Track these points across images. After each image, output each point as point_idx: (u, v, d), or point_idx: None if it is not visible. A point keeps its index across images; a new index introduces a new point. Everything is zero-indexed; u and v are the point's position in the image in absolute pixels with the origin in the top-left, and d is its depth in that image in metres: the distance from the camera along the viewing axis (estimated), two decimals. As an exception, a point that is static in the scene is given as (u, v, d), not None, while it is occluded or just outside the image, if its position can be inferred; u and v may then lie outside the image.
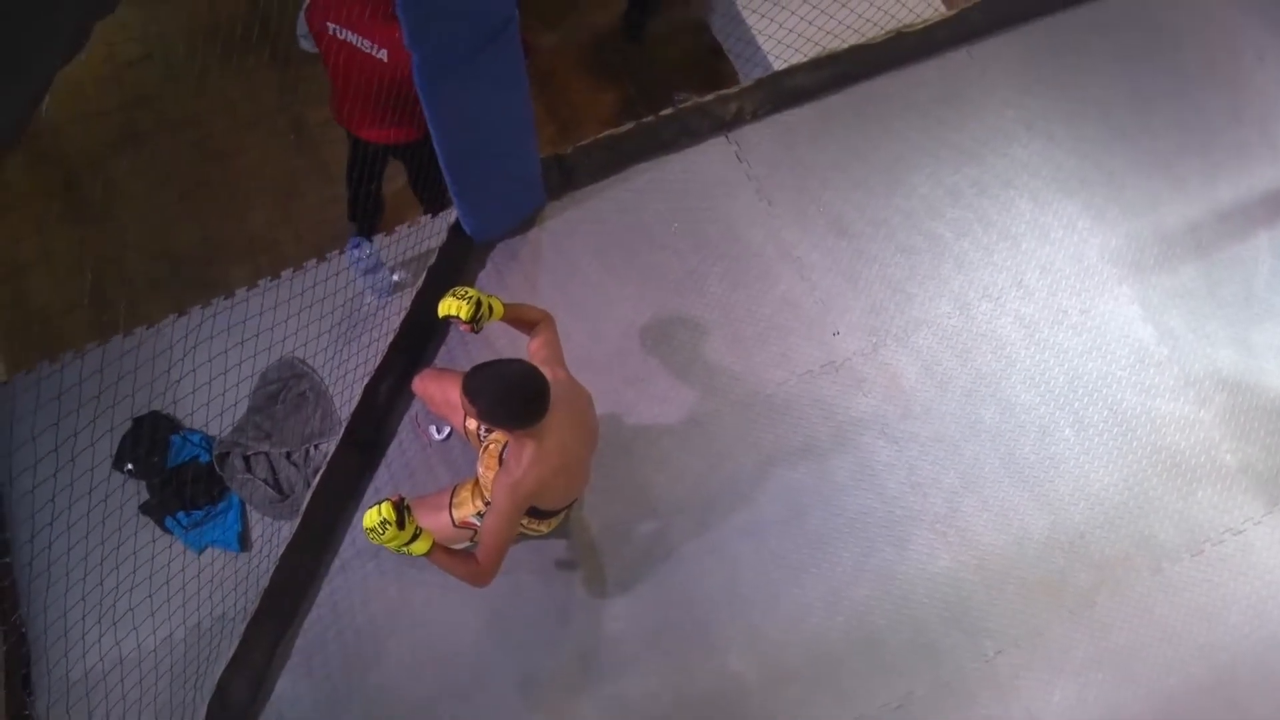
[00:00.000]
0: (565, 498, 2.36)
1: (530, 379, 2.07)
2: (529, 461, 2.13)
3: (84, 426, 2.17)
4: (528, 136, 2.86)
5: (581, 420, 2.30)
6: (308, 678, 2.70)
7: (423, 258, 3.07)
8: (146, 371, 2.63)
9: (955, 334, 3.04)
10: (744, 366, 2.98)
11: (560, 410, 2.17)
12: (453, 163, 2.71)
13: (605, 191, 3.25)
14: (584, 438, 2.32)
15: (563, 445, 2.18)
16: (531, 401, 2.06)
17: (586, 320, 3.04)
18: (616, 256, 3.15)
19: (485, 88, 2.49)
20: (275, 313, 2.79)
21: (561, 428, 2.18)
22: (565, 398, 2.22)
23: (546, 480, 2.16)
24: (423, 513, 2.55)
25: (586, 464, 2.38)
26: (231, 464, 2.84)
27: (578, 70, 4.08)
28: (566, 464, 2.22)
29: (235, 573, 2.70)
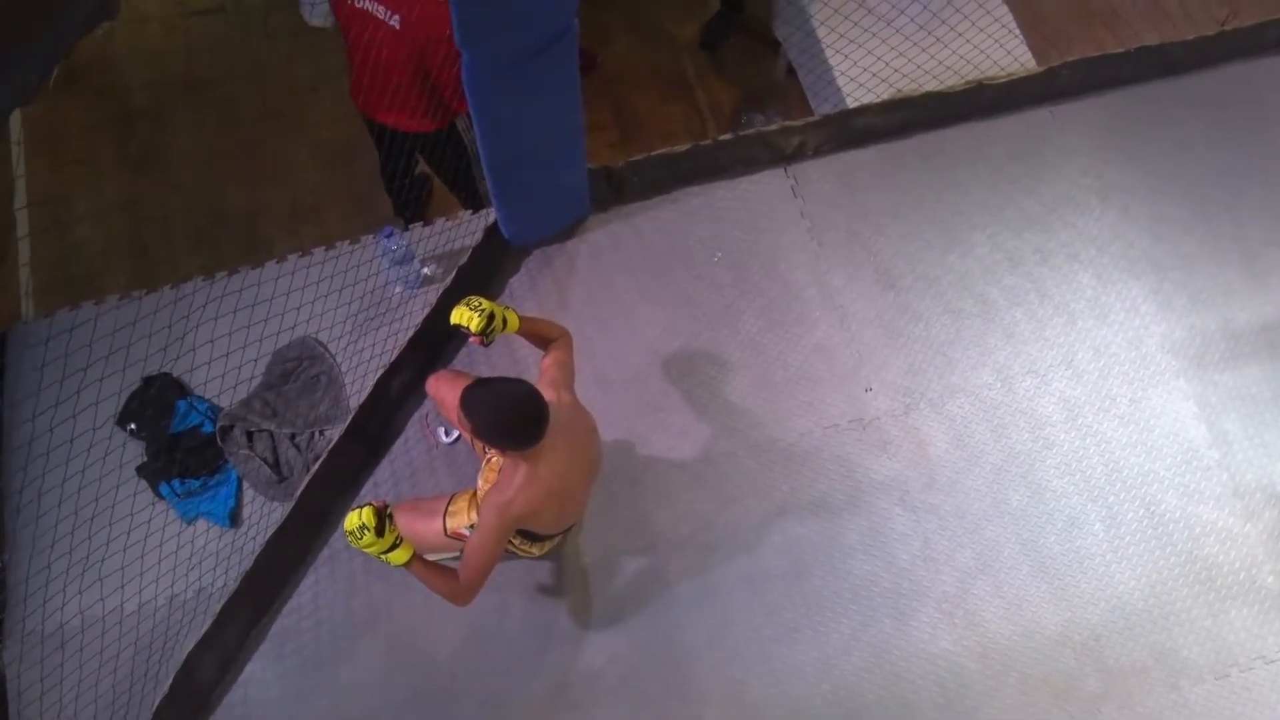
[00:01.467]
0: (558, 524, 2.45)
1: (528, 402, 2.14)
2: (520, 483, 2.21)
3: (92, 381, 2.31)
4: (576, 147, 2.96)
5: (582, 448, 2.38)
6: (278, 665, 2.82)
7: (456, 255, 3.19)
8: (164, 333, 2.77)
9: (993, 407, 3.11)
10: (767, 411, 3.07)
11: (559, 435, 2.25)
12: (496, 166, 2.81)
13: (652, 210, 3.36)
14: (583, 466, 2.40)
15: (558, 471, 2.26)
16: (527, 425, 2.14)
17: (611, 339, 3.14)
18: (653, 278, 3.26)
19: (536, 95, 2.60)
20: (302, 291, 2.91)
21: (559, 453, 2.26)
22: (566, 423, 2.30)
23: (537, 504, 2.24)
24: (415, 517, 2.63)
25: (583, 492, 2.46)
26: (234, 437, 2.97)
27: (650, 78, 4.24)
28: (561, 490, 2.29)
29: (221, 548, 2.84)
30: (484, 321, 2.35)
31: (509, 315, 2.42)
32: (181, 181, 3.94)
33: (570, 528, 2.65)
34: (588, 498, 2.55)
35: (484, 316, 2.35)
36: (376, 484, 3.06)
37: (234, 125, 4.06)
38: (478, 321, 2.34)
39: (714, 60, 4.31)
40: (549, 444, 2.23)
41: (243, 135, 4.01)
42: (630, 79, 4.22)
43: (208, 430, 2.99)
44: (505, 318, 2.41)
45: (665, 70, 4.25)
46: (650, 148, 3.47)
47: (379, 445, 3.10)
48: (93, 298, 3.10)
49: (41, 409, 2.32)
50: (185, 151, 4.02)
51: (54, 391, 2.27)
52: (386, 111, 3.04)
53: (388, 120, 3.07)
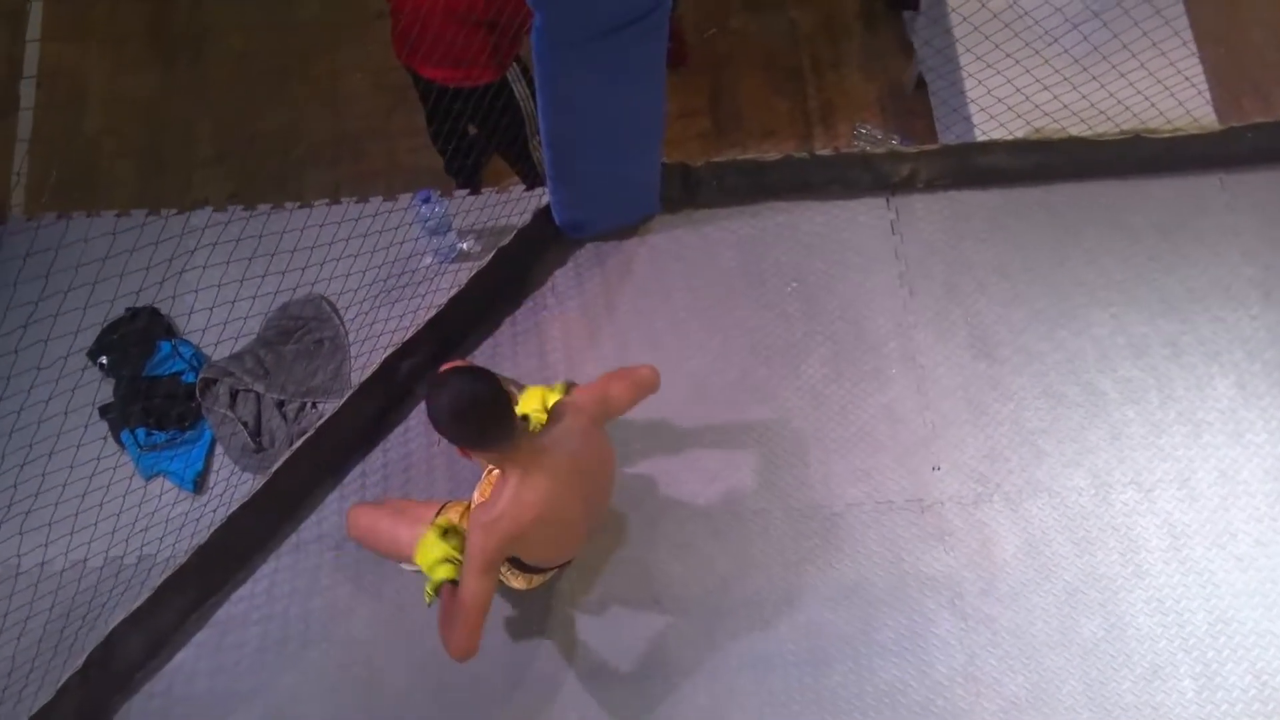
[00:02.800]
0: (548, 555, 2.40)
1: (482, 401, 2.09)
2: (507, 500, 2.18)
3: (69, 307, 2.30)
4: (652, 139, 2.91)
5: (588, 477, 2.34)
6: (214, 657, 2.80)
7: (499, 233, 3.16)
8: (162, 265, 2.72)
9: (1080, 516, 2.95)
10: (816, 471, 2.97)
11: (563, 456, 2.22)
12: (556, 146, 2.77)
13: (727, 221, 3.29)
14: (586, 497, 2.35)
15: (552, 495, 2.22)
16: (481, 422, 2.10)
17: (656, 359, 2.95)
18: (714, 298, 3.20)
19: (614, 75, 2.55)
20: (328, 247, 2.88)
21: (558, 477, 2.22)
22: (575, 448, 2.26)
23: (525, 527, 2.20)
24: (397, 519, 2.63)
25: (583, 527, 2.42)
26: (216, 394, 2.97)
27: (761, 64, 4.14)
28: (554, 517, 2.25)
29: (176, 515, 2.83)
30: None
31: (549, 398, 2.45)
32: (216, 85, 3.83)
33: (562, 567, 2.58)
34: (587, 534, 2.50)
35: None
36: (365, 474, 3.06)
37: (287, 30, 3.94)
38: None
39: (839, 52, 4.16)
40: (548, 463, 2.20)
41: (296, 44, 3.90)
42: (738, 62, 4.10)
43: (188, 380, 2.98)
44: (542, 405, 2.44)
45: (780, 58, 4.11)
46: (745, 146, 3.46)
47: (375, 430, 3.08)
48: (89, 206, 3.09)
49: (8, 328, 2.30)
50: (227, 50, 3.90)
51: (27, 305, 2.25)
52: (431, 64, 3.03)
53: (434, 76, 3.05)
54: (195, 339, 3.09)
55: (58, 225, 3.03)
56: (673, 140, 3.66)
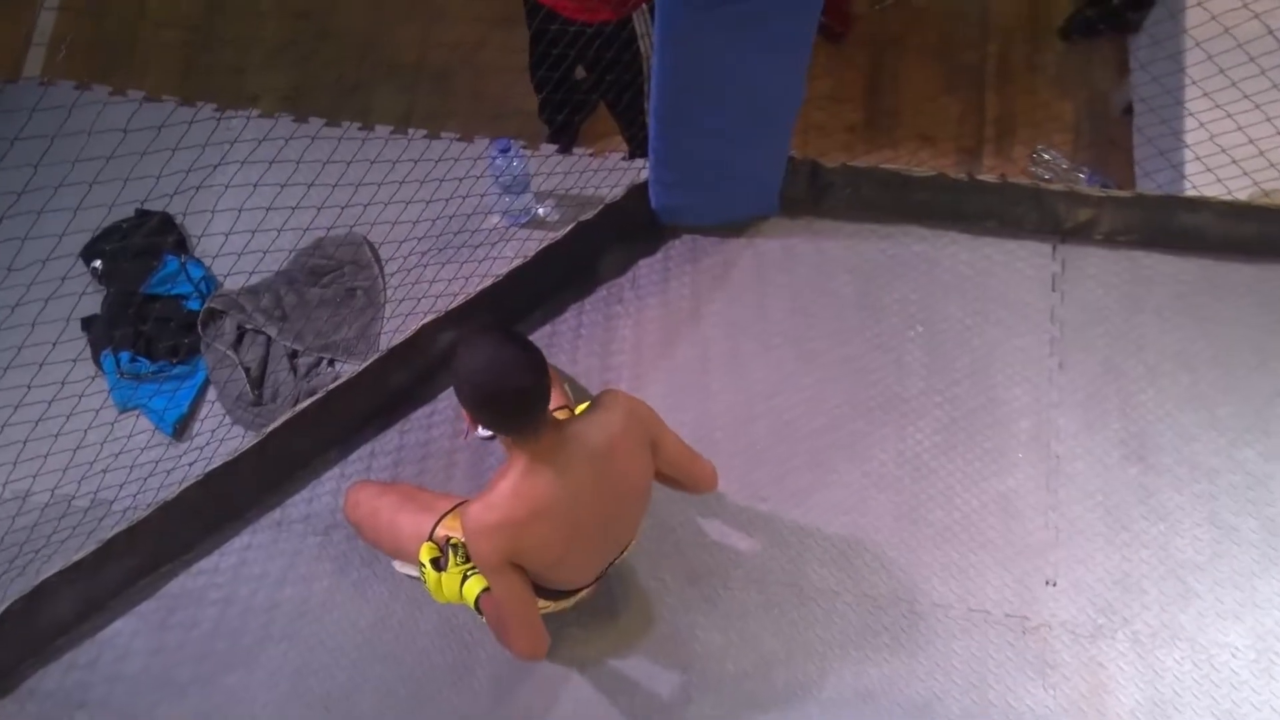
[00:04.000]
0: (546, 563, 2.23)
1: (515, 366, 1.98)
2: (501, 491, 2.07)
3: (66, 195, 2.17)
4: (782, 125, 2.79)
5: (610, 486, 2.19)
6: (155, 635, 2.74)
7: (583, 204, 3.08)
8: (186, 168, 2.62)
9: (1231, 684, 2.66)
10: (902, 557, 2.77)
11: (581, 452, 2.10)
12: (665, 117, 2.67)
13: (854, 239, 3.14)
14: (603, 507, 2.20)
15: (558, 491, 2.09)
16: (509, 395, 1.99)
17: (737, 385, 2.98)
18: (820, 328, 3.04)
19: (750, 44, 2.43)
20: (377, 187, 2.73)
21: (570, 473, 2.09)
22: (601, 446, 2.13)
23: (520, 520, 2.08)
24: (402, 505, 2.58)
25: (593, 543, 2.28)
26: (220, 328, 2.90)
27: (935, 54, 3.86)
28: (555, 517, 2.11)
29: (146, 460, 2.73)
30: None
31: None
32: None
33: (570, 597, 2.45)
34: (602, 560, 2.37)
35: None
36: (374, 454, 2.97)
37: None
38: None
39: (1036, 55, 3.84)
40: (563, 457, 2.10)
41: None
42: (910, 46, 3.80)
43: (191, 307, 2.91)
44: None
45: (961, 50, 3.79)
46: (896, 149, 3.25)
47: (396, 407, 3.01)
48: (117, 82, 3.01)
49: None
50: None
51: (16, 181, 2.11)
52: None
53: (550, 1, 2.94)
54: (209, 261, 3.01)
55: (72, 95, 2.94)
56: (813, 127, 3.49)
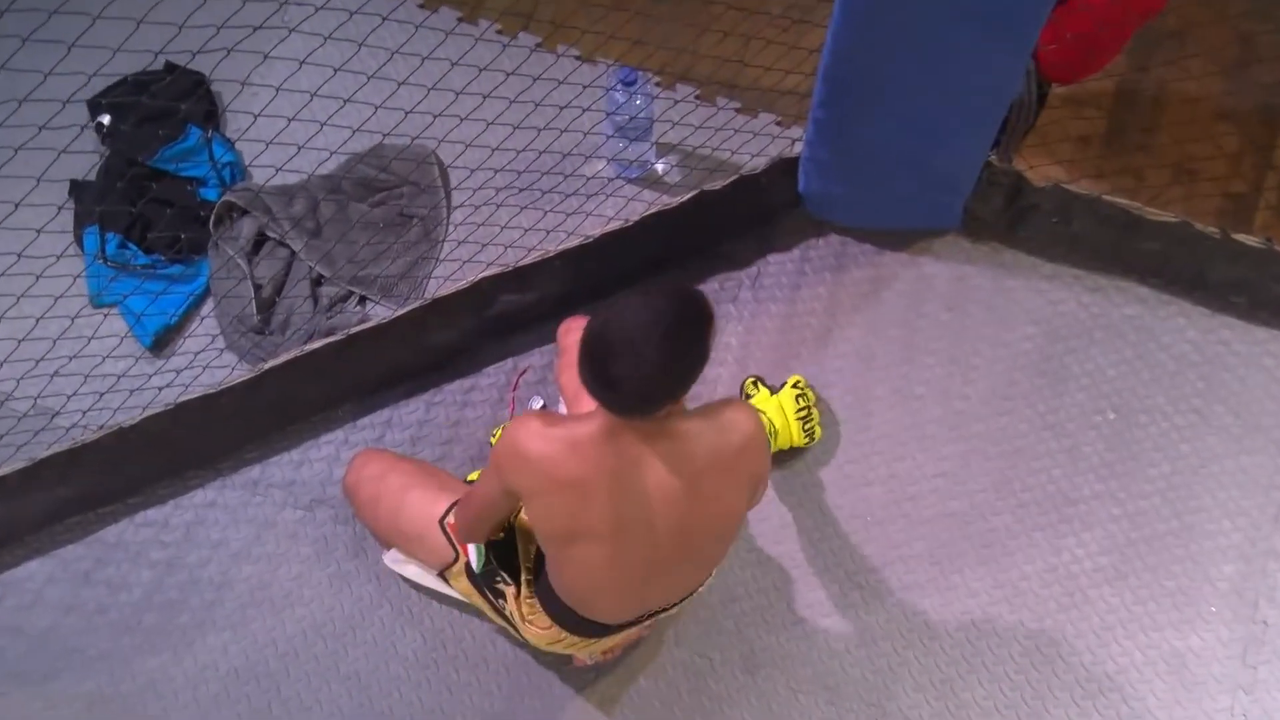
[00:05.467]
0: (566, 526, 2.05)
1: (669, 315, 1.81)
2: (574, 432, 1.96)
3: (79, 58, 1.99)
4: (985, 119, 2.66)
5: (696, 517, 2.01)
6: (76, 587, 2.65)
7: (713, 169, 2.94)
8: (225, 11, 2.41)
9: None
10: (1025, 704, 2.49)
11: (676, 459, 1.95)
12: (835, 80, 2.54)
13: (1049, 282, 3.00)
14: (674, 534, 2.03)
15: (629, 484, 1.97)
16: (609, 360, 1.82)
17: (845, 437, 2.81)
18: (978, 388, 2.87)
19: (968, 13, 2.29)
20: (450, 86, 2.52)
21: (659, 476, 1.96)
22: (707, 467, 1.99)
23: (559, 482, 1.97)
24: (416, 481, 2.49)
25: (637, 572, 2.09)
26: (236, 229, 2.81)
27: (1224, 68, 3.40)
28: (607, 512, 1.96)
29: (108, 373, 2.62)
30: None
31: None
32: None
33: (596, 637, 2.29)
34: (639, 595, 2.17)
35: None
36: (391, 424, 2.85)
37: None
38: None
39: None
40: (656, 449, 1.94)
41: None
42: (1191, 44, 3.42)
43: (207, 196, 2.81)
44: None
45: (1260, 66, 3.37)
46: (1140, 179, 2.98)
47: (430, 371, 2.93)
48: None
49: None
50: None
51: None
52: None
53: None
54: (244, 147, 2.99)
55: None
56: (1028, 128, 3.16)
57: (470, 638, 2.54)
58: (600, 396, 1.89)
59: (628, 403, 1.87)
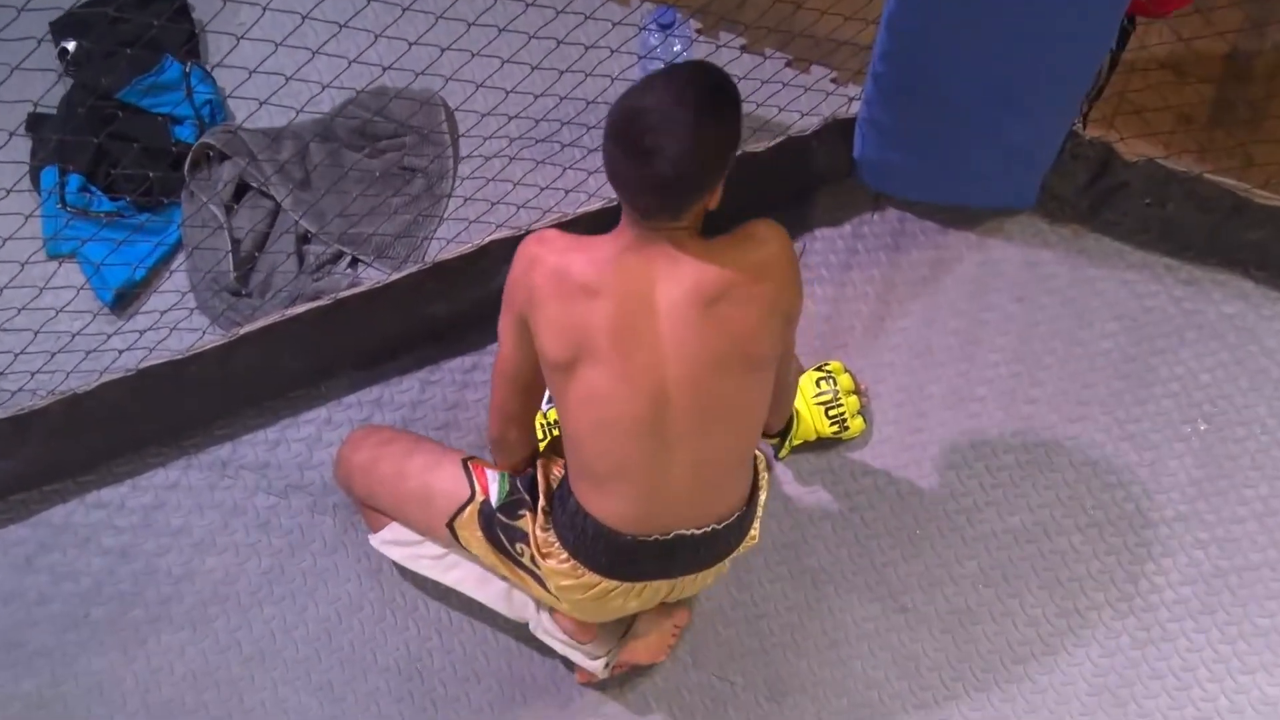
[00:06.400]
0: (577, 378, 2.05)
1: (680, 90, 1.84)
2: (589, 246, 2.02)
3: None
4: (1071, 85, 2.61)
5: (721, 337, 2.03)
6: (14, 574, 2.62)
7: (760, 130, 2.91)
8: None
9: None
10: None
11: (698, 278, 1.97)
12: (900, 30, 2.49)
13: (1137, 272, 2.96)
14: (698, 359, 2.04)
15: (647, 291, 1.98)
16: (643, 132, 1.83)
17: (891, 440, 2.77)
18: (1048, 390, 2.85)
19: None
20: (461, 15, 2.43)
21: (678, 290, 1.98)
22: (735, 282, 2.00)
23: (557, 277, 2.00)
24: (420, 450, 2.45)
25: (656, 418, 2.05)
26: (214, 176, 2.77)
27: None
28: (621, 321, 1.99)
29: (61, 332, 2.52)
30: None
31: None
32: None
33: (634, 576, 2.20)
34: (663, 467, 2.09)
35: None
36: (381, 403, 2.81)
37: None
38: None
39: None
40: (677, 265, 1.97)
41: None
42: None
43: (182, 136, 2.77)
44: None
45: None
46: (1249, 157, 2.93)
47: (428, 343, 2.90)
48: None
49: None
50: None
51: None
52: None
53: None
54: (226, 81, 2.96)
55: None
56: (1124, 99, 3.20)
57: (460, 648, 2.49)
58: (632, 187, 1.91)
59: (663, 185, 1.88)
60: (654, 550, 2.21)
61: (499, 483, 2.29)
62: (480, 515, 2.29)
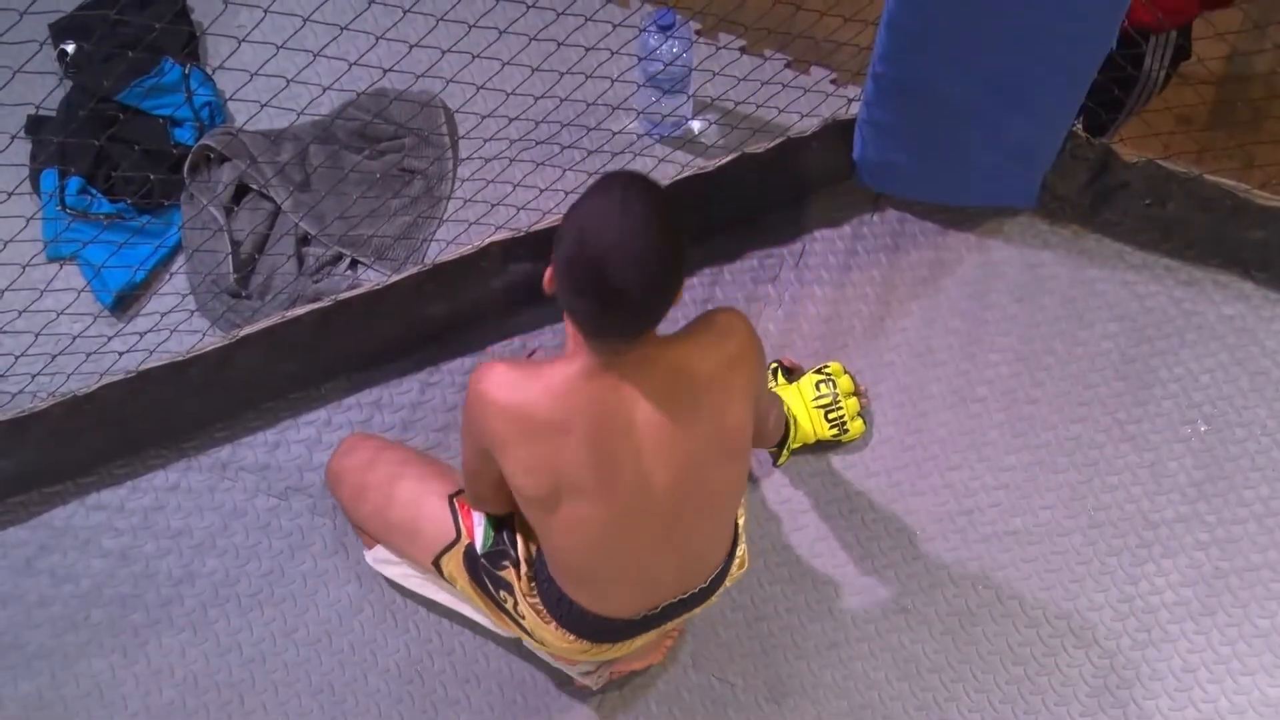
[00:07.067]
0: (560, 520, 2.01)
1: (636, 241, 1.75)
2: (547, 378, 1.92)
3: None
4: (1072, 83, 2.59)
5: (700, 444, 1.99)
6: (15, 577, 2.62)
7: (759, 131, 2.92)
8: None
9: None
10: None
11: (666, 388, 1.92)
12: (899, 29, 2.49)
13: (1137, 273, 2.95)
14: (678, 470, 1.97)
15: (613, 421, 1.91)
16: (605, 279, 1.74)
17: (893, 440, 2.78)
18: (1049, 390, 2.85)
19: None
20: (462, 17, 2.44)
21: (648, 409, 1.91)
22: (706, 384, 1.96)
23: (534, 430, 1.92)
24: (411, 469, 2.45)
25: (643, 527, 2.03)
26: (213, 179, 2.79)
27: None
28: (592, 455, 1.94)
29: (60, 335, 2.52)
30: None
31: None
32: None
33: (608, 641, 2.25)
34: (649, 567, 2.12)
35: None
36: (381, 405, 2.81)
37: None
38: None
39: None
40: (638, 382, 1.90)
41: None
42: None
43: (182, 139, 2.79)
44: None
45: None
46: (1250, 157, 2.98)
47: (427, 345, 2.90)
48: None
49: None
50: None
51: None
52: None
53: None
54: (226, 83, 2.98)
55: None
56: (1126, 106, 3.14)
57: (460, 649, 2.49)
58: (600, 321, 1.84)
59: (633, 315, 1.82)
60: (642, 622, 2.24)
61: (484, 528, 2.29)
62: (465, 558, 2.29)
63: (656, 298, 1.80)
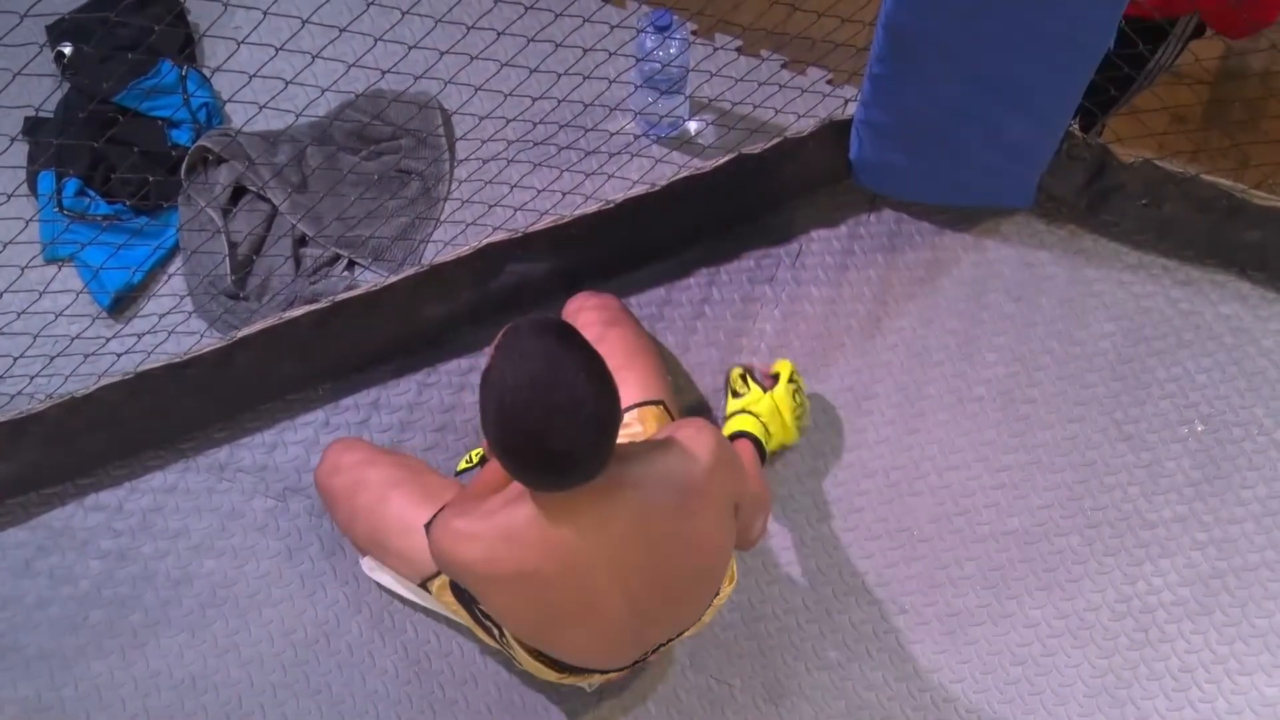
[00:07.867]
0: (538, 637, 2.05)
1: (557, 414, 1.66)
2: (492, 523, 1.87)
3: None
4: (1069, 83, 2.57)
5: (675, 566, 1.95)
6: (13, 578, 2.61)
7: (757, 132, 2.91)
8: None
9: None
10: None
11: (634, 514, 1.86)
12: (896, 30, 2.47)
13: (1134, 273, 2.94)
14: (654, 591, 1.97)
15: (583, 558, 1.87)
16: (538, 447, 1.67)
17: (890, 440, 2.77)
18: (1046, 391, 2.83)
19: None
20: (461, 19, 2.44)
21: (616, 538, 1.87)
22: (675, 509, 1.89)
23: (492, 573, 1.90)
24: (401, 487, 2.41)
25: (616, 636, 2.04)
26: (211, 180, 2.78)
27: None
28: (568, 594, 1.92)
29: (59, 336, 2.52)
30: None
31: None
32: None
33: (583, 674, 2.25)
34: (626, 650, 2.13)
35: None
36: (378, 405, 2.81)
37: None
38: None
39: None
40: (605, 511, 1.83)
41: None
42: None
43: (179, 139, 2.79)
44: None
45: None
46: (1243, 160, 2.95)
47: (424, 346, 2.89)
48: None
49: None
50: None
51: None
52: None
53: None
54: (223, 86, 2.97)
55: None
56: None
57: (458, 651, 2.49)
58: (556, 482, 1.78)
59: (586, 466, 1.75)
60: (628, 666, 2.31)
61: None
62: (452, 585, 2.29)
63: (605, 440, 1.73)
